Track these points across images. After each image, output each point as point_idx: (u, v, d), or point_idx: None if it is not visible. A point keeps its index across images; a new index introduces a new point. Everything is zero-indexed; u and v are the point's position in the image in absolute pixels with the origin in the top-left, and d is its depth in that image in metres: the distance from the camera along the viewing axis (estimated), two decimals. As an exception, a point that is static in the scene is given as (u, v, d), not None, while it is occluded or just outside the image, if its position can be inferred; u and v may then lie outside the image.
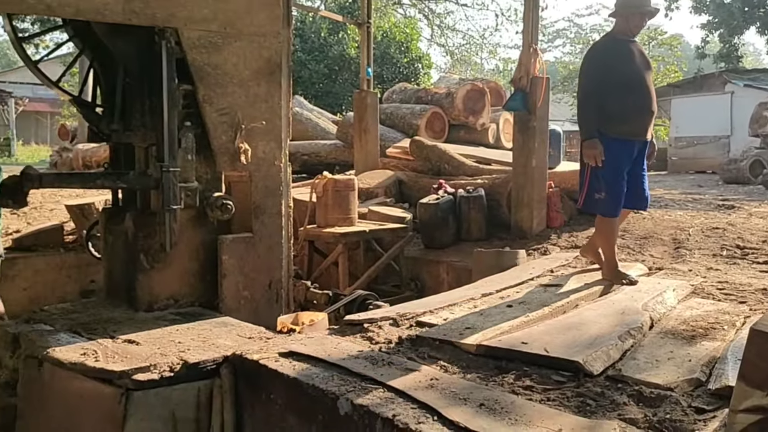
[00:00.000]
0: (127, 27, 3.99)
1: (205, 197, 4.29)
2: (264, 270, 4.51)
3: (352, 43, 18.42)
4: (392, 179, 8.14)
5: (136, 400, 3.25)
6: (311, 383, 2.97)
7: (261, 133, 4.45)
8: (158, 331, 3.88)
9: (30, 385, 3.67)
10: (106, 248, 4.62)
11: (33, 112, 34.82)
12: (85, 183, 4.43)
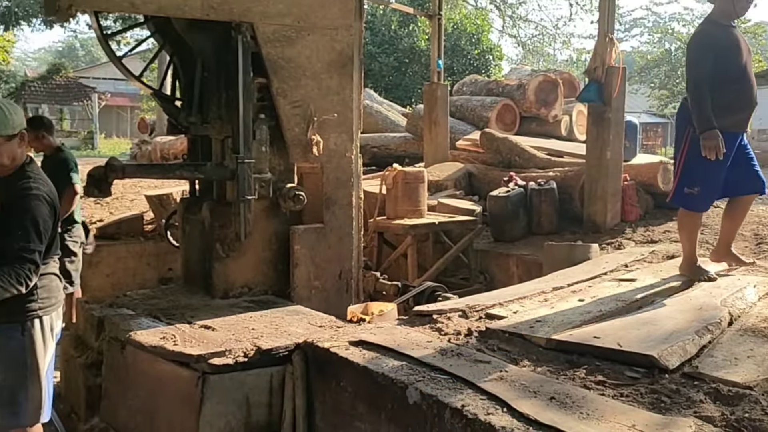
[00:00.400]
0: (205, 22, 4.12)
1: (278, 188, 4.39)
2: (335, 260, 4.58)
3: (422, 35, 18.39)
4: (462, 172, 8.11)
5: (212, 384, 3.36)
6: (381, 372, 3.01)
7: (333, 125, 4.51)
8: (233, 317, 4.00)
9: (114, 366, 3.84)
10: (183, 237, 4.78)
11: (114, 107, 36.21)
12: (165, 173, 4.61)
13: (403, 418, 2.86)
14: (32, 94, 31.44)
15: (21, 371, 2.94)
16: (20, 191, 2.85)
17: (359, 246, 4.75)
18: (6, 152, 2.82)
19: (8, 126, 2.79)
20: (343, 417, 3.26)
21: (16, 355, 2.92)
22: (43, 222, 2.87)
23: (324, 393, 3.41)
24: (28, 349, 2.94)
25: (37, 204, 2.85)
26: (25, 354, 2.93)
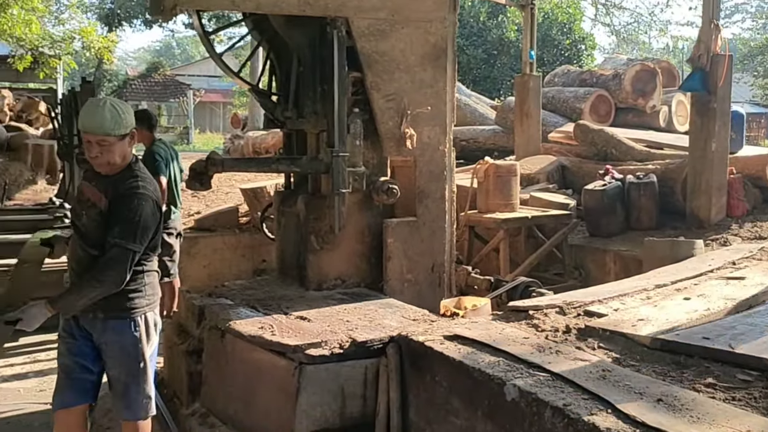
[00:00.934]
0: (301, 18, 4.17)
1: (371, 181, 4.40)
2: (427, 253, 4.56)
3: (512, 26, 18.10)
4: (554, 165, 7.93)
5: (308, 374, 3.41)
6: (477, 367, 2.97)
7: (426, 119, 4.48)
8: (327, 309, 4.05)
9: (214, 354, 3.96)
10: (279, 229, 4.87)
11: (208, 103, 37.47)
12: (262, 167, 4.70)
13: (501, 415, 2.81)
14: (133, 91, 32.98)
15: (133, 366, 3.03)
16: (127, 189, 2.91)
17: (452, 240, 4.71)
18: (118, 151, 2.88)
19: (121, 126, 2.85)
20: (438, 411, 3.24)
21: (128, 350, 3.01)
22: (145, 222, 2.91)
23: (418, 387, 3.40)
24: (139, 345, 3.03)
25: (141, 203, 2.90)
26: (136, 349, 3.03)
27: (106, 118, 2.79)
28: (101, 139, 2.81)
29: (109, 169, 2.91)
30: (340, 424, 3.50)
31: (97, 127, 2.79)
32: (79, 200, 3.02)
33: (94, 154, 2.85)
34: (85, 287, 2.87)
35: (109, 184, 2.93)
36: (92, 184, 2.97)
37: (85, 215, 2.95)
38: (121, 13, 32.08)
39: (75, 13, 21.27)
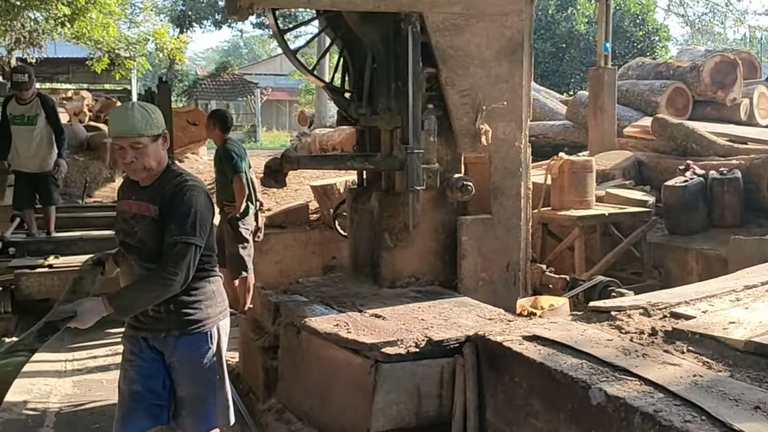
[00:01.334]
0: (376, 14, 4.15)
1: (445, 178, 4.35)
2: (502, 251, 4.48)
3: (582, 18, 17.68)
4: (630, 160, 7.69)
5: (384, 372, 3.39)
6: (559, 369, 2.89)
7: (501, 114, 4.40)
8: (402, 307, 4.02)
9: (289, 350, 3.99)
10: (352, 226, 4.88)
11: (274, 101, 38.04)
12: (337, 164, 4.71)
13: (586, 419, 2.73)
14: (203, 91, 33.78)
15: (211, 379, 2.86)
16: (175, 186, 2.72)
17: (527, 238, 4.62)
18: (152, 154, 2.68)
19: (153, 126, 2.66)
20: (518, 413, 3.17)
21: (205, 365, 2.83)
22: (201, 214, 2.71)
23: (496, 387, 3.33)
24: (215, 358, 2.86)
25: (194, 195, 2.71)
26: (212, 363, 2.86)
27: (136, 119, 2.62)
28: (134, 141, 2.63)
29: (146, 175, 2.73)
30: (416, 423, 3.47)
31: (128, 129, 2.62)
32: (125, 219, 2.81)
33: (128, 159, 2.66)
34: (146, 285, 2.69)
35: (153, 190, 2.75)
36: (133, 199, 2.79)
37: (138, 230, 2.75)
38: (192, 14, 32.94)
39: (149, 16, 21.91)
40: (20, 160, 6.60)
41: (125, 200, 2.83)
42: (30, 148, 6.56)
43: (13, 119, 6.58)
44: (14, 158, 6.67)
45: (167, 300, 2.70)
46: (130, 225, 2.77)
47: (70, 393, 4.49)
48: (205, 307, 2.82)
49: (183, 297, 2.75)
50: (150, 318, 2.76)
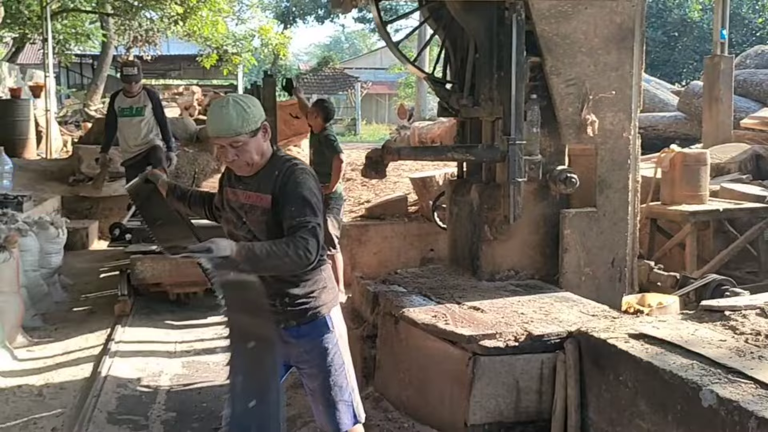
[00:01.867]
0: (479, 3, 4.10)
1: (548, 170, 4.25)
2: (607, 246, 4.32)
3: (695, 5, 16.83)
4: (748, 154, 7.26)
5: (482, 365, 3.36)
6: (668, 369, 2.77)
7: (609, 104, 4.25)
8: (501, 300, 3.96)
9: (387, 340, 4.02)
10: (451, 218, 4.85)
11: (374, 95, 38.42)
12: (437, 155, 4.69)
13: (695, 422, 2.60)
14: (305, 85, 34.53)
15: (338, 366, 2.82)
16: (286, 171, 2.68)
17: (634, 233, 4.44)
18: (254, 149, 2.64)
19: (250, 121, 2.59)
20: (622, 413, 3.06)
21: (330, 350, 2.79)
22: (315, 196, 2.67)
23: (599, 386, 3.23)
24: (338, 343, 2.82)
25: (306, 178, 2.68)
26: (336, 348, 2.81)
27: (232, 117, 2.56)
28: (233, 140, 2.59)
29: (250, 169, 2.70)
30: (515, 418, 3.42)
31: (225, 129, 2.57)
32: (232, 208, 2.78)
33: (230, 158, 2.63)
34: (281, 248, 2.52)
35: (262, 179, 2.71)
36: (241, 188, 2.75)
37: (248, 221, 2.72)
38: (295, 10, 33.75)
39: (255, 12, 22.64)
40: (129, 149, 7.01)
41: (232, 189, 2.78)
42: (138, 137, 6.99)
43: (122, 112, 7.01)
44: (124, 151, 7.09)
45: (282, 292, 2.69)
46: (238, 215, 2.74)
47: (180, 373, 4.71)
48: (318, 294, 2.78)
49: (298, 287, 2.72)
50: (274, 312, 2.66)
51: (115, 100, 7.15)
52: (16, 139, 11.42)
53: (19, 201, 7.25)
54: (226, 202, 2.80)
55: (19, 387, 4.37)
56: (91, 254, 8.84)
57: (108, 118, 7.30)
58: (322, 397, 2.80)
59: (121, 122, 7.03)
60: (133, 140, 7.06)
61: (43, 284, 6.25)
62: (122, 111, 7.04)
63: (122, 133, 7.08)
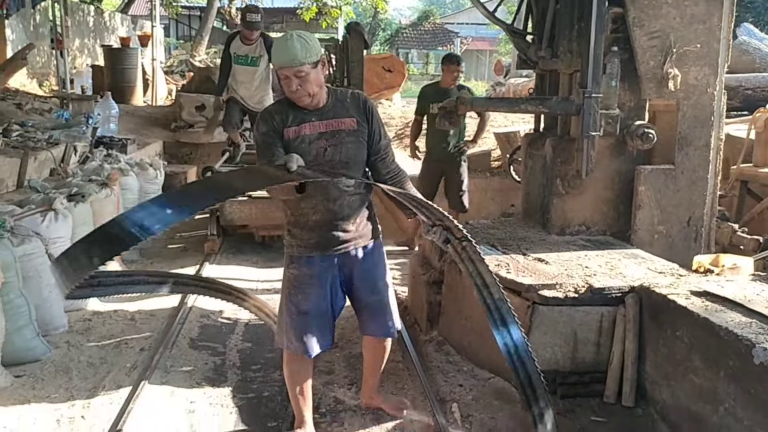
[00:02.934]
0: (561, -49, 4.02)
1: (625, 125, 4.17)
2: (684, 205, 4.23)
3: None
4: None
5: (540, 314, 3.42)
6: (724, 326, 2.75)
7: (694, 58, 4.10)
8: (567, 254, 3.98)
9: (452, 287, 4.12)
10: (525, 172, 4.85)
11: (474, 51, 37.73)
12: (511, 107, 4.69)
13: (747, 378, 2.59)
14: (404, 40, 34.41)
15: (385, 284, 3.13)
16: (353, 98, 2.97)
17: (714, 192, 4.30)
18: (314, 80, 2.79)
19: (312, 53, 2.75)
20: (677, 368, 3.06)
21: (381, 271, 3.11)
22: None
23: (657, 340, 3.23)
24: (387, 265, 3.17)
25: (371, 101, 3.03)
26: (386, 269, 3.15)
27: (297, 48, 2.72)
28: (297, 71, 2.73)
29: (311, 101, 2.85)
30: (571, 367, 3.47)
31: (291, 59, 2.72)
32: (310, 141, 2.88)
33: (294, 87, 2.78)
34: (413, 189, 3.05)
35: (334, 107, 2.91)
36: (315, 120, 2.89)
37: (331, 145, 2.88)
38: (397, -37, 33.31)
39: (355, -35, 22.63)
40: (239, 93, 7.16)
41: (307, 123, 2.88)
42: (250, 88, 7.12)
43: (237, 59, 7.07)
44: (233, 91, 7.19)
45: (354, 218, 2.97)
46: (319, 144, 2.87)
47: (259, 308, 4.99)
48: (376, 222, 3.13)
49: (366, 211, 3.04)
50: (338, 238, 2.95)
51: (231, 44, 7.10)
52: (125, 86, 12.07)
53: (124, 143, 7.74)
54: (300, 139, 2.88)
55: (114, 312, 4.78)
56: (188, 197, 9.34)
57: (223, 61, 7.26)
58: (379, 306, 3.11)
59: (234, 68, 7.07)
60: (244, 90, 7.13)
61: (142, 221, 6.69)
62: (237, 58, 7.04)
63: (234, 78, 7.11)
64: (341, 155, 2.89)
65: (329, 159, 2.88)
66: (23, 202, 4.75)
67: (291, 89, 2.80)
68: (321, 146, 2.87)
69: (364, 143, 2.95)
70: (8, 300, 3.75)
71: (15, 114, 8.76)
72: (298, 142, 2.87)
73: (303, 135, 2.88)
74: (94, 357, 3.99)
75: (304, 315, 2.99)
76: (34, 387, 3.58)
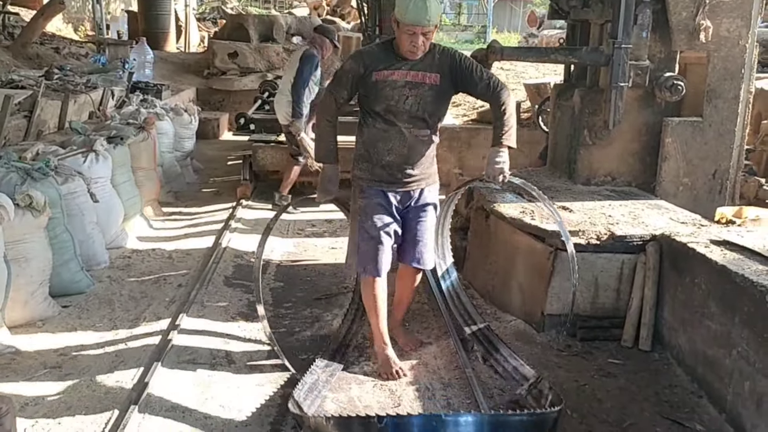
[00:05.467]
0: None
1: (655, 77, 4.19)
2: (710, 158, 4.26)
3: None
4: None
5: (563, 260, 3.52)
6: (741, 273, 2.84)
7: (727, 10, 4.09)
8: (591, 203, 4.06)
9: (478, 232, 4.24)
10: (553, 122, 4.90)
11: (508, 1, 36.92)
12: (540, 57, 4.70)
13: (760, 323, 2.69)
14: (436, -11, 33.71)
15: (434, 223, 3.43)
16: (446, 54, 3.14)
17: (741, 146, 4.33)
18: (431, 39, 3.05)
19: (440, 13, 3.06)
20: (693, 313, 3.17)
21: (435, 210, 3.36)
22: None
23: (675, 287, 3.33)
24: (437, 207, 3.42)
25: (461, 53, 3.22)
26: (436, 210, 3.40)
27: (433, 10, 2.94)
28: (428, 30, 2.98)
29: (420, 53, 3.06)
30: (591, 312, 3.59)
31: (427, 20, 2.94)
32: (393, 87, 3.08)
33: (419, 44, 2.99)
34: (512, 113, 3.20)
35: (425, 61, 3.08)
36: (404, 68, 3.07)
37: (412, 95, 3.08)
38: None
39: None
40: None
41: (396, 69, 3.09)
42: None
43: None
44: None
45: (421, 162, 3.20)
46: (401, 92, 3.09)
47: (290, 251, 5.17)
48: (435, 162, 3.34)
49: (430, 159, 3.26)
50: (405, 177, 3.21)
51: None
52: (158, 33, 12.19)
53: (159, 89, 7.90)
54: (387, 83, 3.10)
55: (153, 250, 4.99)
56: (220, 143, 9.53)
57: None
58: (424, 239, 3.33)
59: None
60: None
61: (176, 166, 6.89)
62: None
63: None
64: (419, 106, 3.13)
65: (409, 108, 3.12)
66: (65, 143, 4.94)
67: (415, 43, 3.01)
68: (404, 94, 3.10)
69: (445, 98, 3.20)
70: (55, 235, 3.95)
71: (53, 58, 8.95)
72: (385, 85, 3.10)
73: (391, 80, 3.10)
74: (135, 291, 4.21)
75: (375, 239, 3.22)
76: (80, 317, 3.81)
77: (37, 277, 3.68)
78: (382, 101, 3.11)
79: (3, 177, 3.86)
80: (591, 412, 2.92)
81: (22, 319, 3.60)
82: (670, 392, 3.09)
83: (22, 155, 4.20)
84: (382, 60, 3.11)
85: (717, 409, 2.92)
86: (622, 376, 3.23)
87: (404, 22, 2.99)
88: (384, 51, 3.13)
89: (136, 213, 5.36)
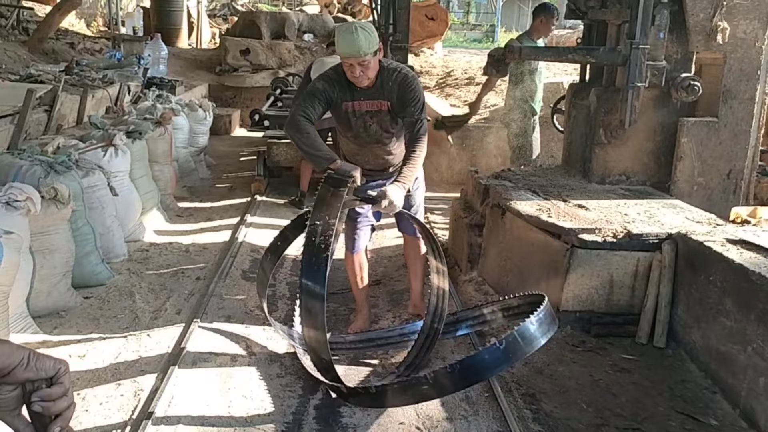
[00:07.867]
0: None
1: (671, 77, 4.22)
2: (725, 158, 4.29)
3: None
4: None
5: (579, 257, 3.56)
6: (757, 271, 2.88)
7: (744, 11, 4.11)
8: (607, 201, 4.10)
9: (493, 229, 4.28)
10: (568, 121, 4.93)
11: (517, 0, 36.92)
12: (558, 56, 4.74)
13: (775, 320, 2.73)
14: (445, -13, 33.73)
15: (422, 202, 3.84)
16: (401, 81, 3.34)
17: (756, 146, 4.36)
18: (373, 66, 3.26)
19: (373, 44, 3.20)
20: (708, 311, 3.21)
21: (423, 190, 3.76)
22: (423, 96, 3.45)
23: (690, 285, 3.37)
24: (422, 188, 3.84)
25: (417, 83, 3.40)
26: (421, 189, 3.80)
27: (361, 41, 3.13)
28: (362, 60, 3.18)
29: (369, 82, 3.31)
30: (606, 309, 3.63)
31: (356, 51, 3.14)
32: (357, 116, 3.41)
33: (357, 74, 3.23)
34: (418, 161, 3.42)
35: (379, 89, 3.34)
36: (362, 99, 3.36)
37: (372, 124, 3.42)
38: None
39: None
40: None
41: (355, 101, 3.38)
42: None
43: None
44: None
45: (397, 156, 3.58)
46: (364, 120, 3.42)
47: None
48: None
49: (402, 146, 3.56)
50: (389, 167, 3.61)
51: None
52: (171, 29, 12.26)
53: (173, 85, 7.97)
54: (349, 114, 3.43)
55: (170, 244, 5.05)
56: (232, 139, 9.60)
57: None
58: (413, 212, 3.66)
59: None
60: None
61: (191, 161, 6.96)
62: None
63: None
64: (381, 128, 3.47)
65: (374, 132, 3.47)
66: (84, 137, 5.00)
67: (354, 75, 3.25)
68: (367, 121, 3.44)
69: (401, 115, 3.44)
70: (77, 227, 4.02)
71: (68, 53, 9.02)
72: (352, 115, 3.43)
73: (355, 110, 3.42)
74: (154, 283, 4.27)
75: (354, 221, 3.66)
76: (101, 308, 3.87)
77: (60, 268, 3.75)
78: (351, 129, 3.46)
79: (27, 170, 3.92)
80: (606, 406, 2.97)
81: (45, 309, 3.67)
82: (684, 387, 3.14)
83: (44, 149, 4.27)
84: (346, 90, 3.37)
85: (731, 405, 2.96)
86: (637, 371, 3.27)
87: (340, 55, 3.24)
88: (347, 82, 3.34)
89: (153, 207, 5.42)
